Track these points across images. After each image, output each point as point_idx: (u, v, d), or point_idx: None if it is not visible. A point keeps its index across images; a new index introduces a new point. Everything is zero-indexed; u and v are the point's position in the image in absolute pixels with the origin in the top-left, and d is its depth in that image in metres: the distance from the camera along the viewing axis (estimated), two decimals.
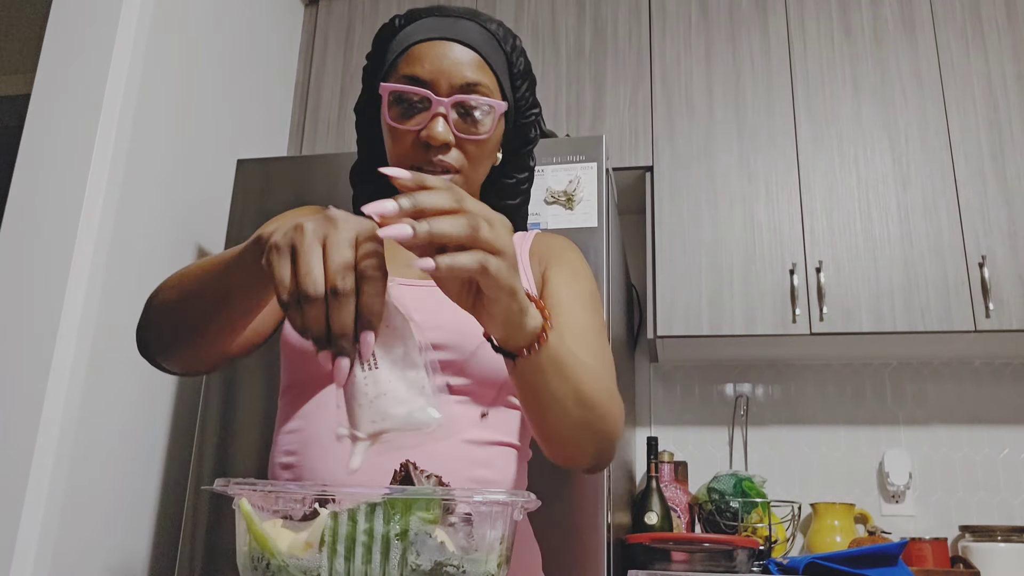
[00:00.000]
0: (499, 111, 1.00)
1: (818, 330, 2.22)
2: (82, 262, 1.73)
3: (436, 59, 0.98)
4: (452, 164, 0.98)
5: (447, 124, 0.97)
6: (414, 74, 0.98)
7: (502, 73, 1.04)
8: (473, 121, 0.98)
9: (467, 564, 0.45)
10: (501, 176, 1.13)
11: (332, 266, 0.59)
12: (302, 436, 0.93)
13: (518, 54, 1.06)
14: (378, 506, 0.43)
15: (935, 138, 2.32)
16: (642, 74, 2.53)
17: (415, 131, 0.98)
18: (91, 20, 1.88)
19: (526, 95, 1.09)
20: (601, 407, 0.84)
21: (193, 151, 2.14)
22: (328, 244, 0.60)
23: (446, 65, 0.98)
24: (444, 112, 0.96)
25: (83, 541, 1.71)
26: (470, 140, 0.98)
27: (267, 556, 0.43)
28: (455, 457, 0.91)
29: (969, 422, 2.46)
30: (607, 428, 0.86)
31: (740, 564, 1.93)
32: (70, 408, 1.67)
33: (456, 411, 0.94)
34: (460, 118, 0.98)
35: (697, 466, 2.56)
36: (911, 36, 2.43)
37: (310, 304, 0.59)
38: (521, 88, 1.07)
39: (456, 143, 0.98)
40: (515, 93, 1.07)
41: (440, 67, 0.97)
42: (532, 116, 1.11)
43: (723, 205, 2.36)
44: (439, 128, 0.96)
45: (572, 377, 0.79)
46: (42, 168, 1.79)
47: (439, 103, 0.96)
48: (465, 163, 0.99)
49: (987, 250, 2.20)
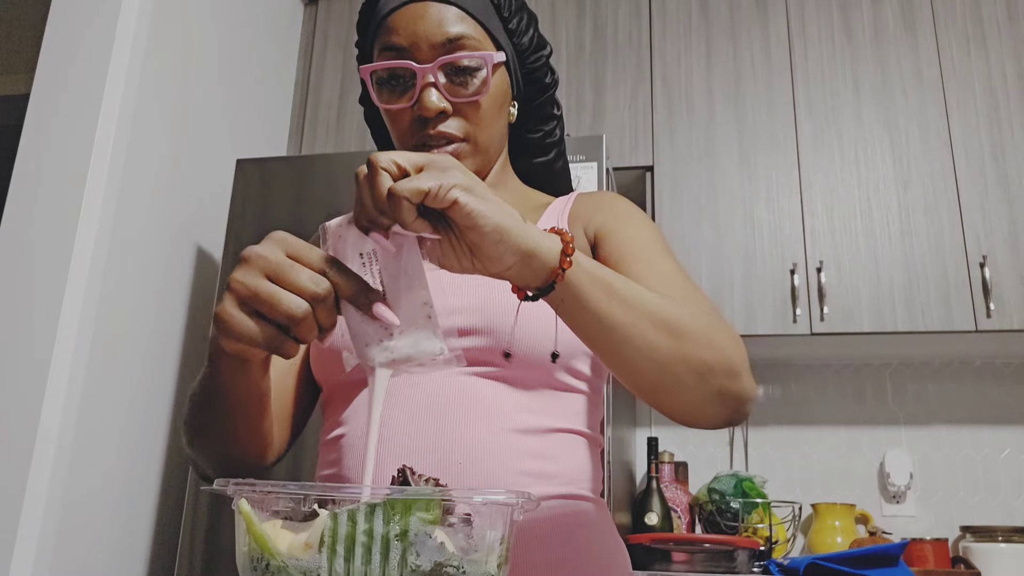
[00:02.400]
0: (492, 62, 0.90)
1: (819, 330, 2.22)
2: (82, 262, 1.73)
3: (411, 23, 0.89)
4: (454, 133, 0.90)
5: (439, 91, 0.88)
6: (391, 43, 0.90)
7: (490, 20, 0.93)
8: (464, 81, 0.89)
9: (467, 565, 0.45)
10: (524, 132, 1.03)
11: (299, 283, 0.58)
12: (342, 443, 0.88)
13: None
14: (378, 506, 0.43)
15: (936, 138, 2.32)
16: (642, 74, 2.53)
17: (408, 107, 0.90)
18: (91, 20, 1.88)
19: (526, 37, 0.98)
20: (698, 333, 0.72)
21: (192, 151, 2.14)
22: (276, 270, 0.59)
23: (422, 27, 0.88)
24: (432, 80, 0.88)
25: (83, 541, 1.71)
26: (466, 102, 0.90)
27: (267, 557, 0.42)
28: (501, 450, 0.81)
29: (970, 422, 2.46)
30: (717, 357, 0.72)
31: (741, 565, 1.93)
32: (69, 408, 1.67)
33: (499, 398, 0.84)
34: (449, 80, 0.89)
35: (697, 466, 2.56)
36: (912, 36, 2.43)
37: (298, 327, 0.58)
38: (517, 29, 0.97)
39: (454, 109, 0.90)
40: (511, 38, 0.96)
41: (416, 30, 0.88)
42: (541, 59, 1.00)
43: (723, 205, 2.36)
44: (432, 98, 0.88)
45: (637, 302, 0.69)
46: (42, 168, 1.79)
47: (423, 71, 0.88)
48: (469, 128, 0.91)
49: (988, 250, 2.20)
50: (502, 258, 0.61)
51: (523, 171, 1.07)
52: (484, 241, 0.60)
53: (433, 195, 0.58)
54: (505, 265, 0.62)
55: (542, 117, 1.03)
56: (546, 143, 1.05)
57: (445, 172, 0.59)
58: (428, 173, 0.59)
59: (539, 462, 0.83)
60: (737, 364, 0.75)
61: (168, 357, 2.02)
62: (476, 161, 0.94)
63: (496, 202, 0.61)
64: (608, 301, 0.67)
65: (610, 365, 0.72)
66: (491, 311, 0.85)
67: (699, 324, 0.73)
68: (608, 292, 0.68)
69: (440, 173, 0.59)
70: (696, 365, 0.71)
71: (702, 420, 0.76)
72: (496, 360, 0.84)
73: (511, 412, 0.84)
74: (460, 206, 0.58)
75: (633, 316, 0.69)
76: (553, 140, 1.05)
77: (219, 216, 2.25)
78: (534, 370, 0.85)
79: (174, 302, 2.05)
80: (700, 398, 0.73)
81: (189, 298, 2.11)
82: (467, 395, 0.83)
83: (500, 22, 0.95)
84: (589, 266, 0.67)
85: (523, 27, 0.97)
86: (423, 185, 0.57)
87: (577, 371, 0.89)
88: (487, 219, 0.59)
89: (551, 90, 1.02)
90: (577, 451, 0.88)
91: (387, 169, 0.59)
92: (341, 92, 2.70)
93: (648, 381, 0.72)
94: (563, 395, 0.88)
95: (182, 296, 2.08)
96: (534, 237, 0.63)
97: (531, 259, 0.63)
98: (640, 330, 0.69)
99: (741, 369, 0.76)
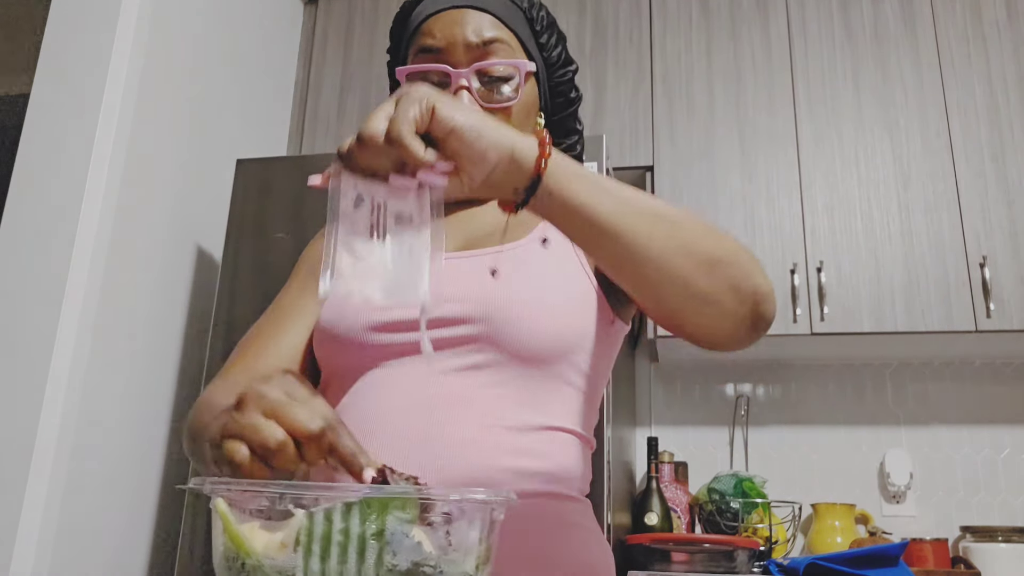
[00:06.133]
0: (524, 71, 0.93)
1: (819, 330, 2.21)
2: (82, 262, 1.73)
3: (448, 26, 0.92)
4: None
5: (472, 96, 0.90)
6: (427, 45, 0.92)
7: (523, 31, 0.96)
8: (498, 88, 0.92)
9: (444, 564, 0.45)
10: None
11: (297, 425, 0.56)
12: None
13: (537, 9, 0.99)
14: (354, 505, 0.43)
15: (936, 138, 2.32)
16: (643, 73, 2.53)
17: None
18: (91, 20, 1.88)
19: (556, 51, 1.00)
20: (695, 224, 0.72)
21: (193, 151, 2.14)
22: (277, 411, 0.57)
23: (459, 29, 0.91)
24: (466, 84, 0.90)
25: (83, 541, 1.71)
26: (498, 108, 0.91)
27: (242, 556, 0.43)
28: (488, 445, 0.81)
29: (970, 422, 2.46)
30: (720, 247, 0.72)
31: (740, 565, 1.93)
32: (69, 408, 1.68)
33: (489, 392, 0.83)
34: (484, 87, 0.91)
35: (697, 466, 2.55)
36: (912, 35, 2.42)
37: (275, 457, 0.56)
38: (548, 44, 1.00)
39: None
40: (542, 51, 0.99)
41: (453, 32, 0.91)
42: (568, 74, 1.02)
43: (723, 205, 2.36)
44: (464, 101, 0.89)
45: (628, 195, 0.70)
46: (42, 168, 1.79)
47: (459, 76, 0.90)
48: None
49: (988, 250, 2.19)
50: (485, 155, 0.64)
51: None
52: (463, 142, 0.62)
53: (421, 117, 0.61)
54: (489, 164, 0.64)
55: (565, 131, 1.05)
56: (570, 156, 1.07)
57: (411, 96, 0.62)
58: (402, 104, 0.61)
59: (526, 459, 0.82)
60: (745, 257, 0.74)
61: (168, 357, 2.02)
62: None
63: (466, 105, 0.64)
64: (596, 193, 0.69)
65: (611, 267, 0.73)
66: (487, 301, 0.84)
67: (693, 218, 0.73)
68: (595, 185, 0.69)
69: (409, 99, 0.62)
70: (700, 256, 0.71)
71: (722, 327, 0.75)
72: (489, 351, 0.84)
73: (501, 407, 0.83)
74: (436, 113, 0.61)
75: (625, 207, 0.69)
76: (574, 155, 1.07)
77: (219, 216, 2.25)
78: (529, 364, 0.84)
79: (174, 302, 2.05)
80: (713, 295, 0.72)
81: (189, 298, 2.11)
82: (458, 389, 0.83)
83: (532, 35, 0.98)
84: (569, 162, 0.69)
85: (553, 42, 1.00)
86: (409, 114, 0.60)
87: (575, 368, 0.88)
88: (465, 118, 0.62)
89: (575, 105, 1.04)
90: (567, 450, 0.87)
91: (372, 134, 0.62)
92: (341, 92, 2.70)
93: (651, 277, 0.71)
94: (557, 392, 0.87)
95: (182, 296, 2.08)
96: (511, 134, 0.66)
97: (512, 155, 0.65)
98: (634, 221, 0.69)
99: (750, 263, 0.74)
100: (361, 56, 2.72)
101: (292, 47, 2.78)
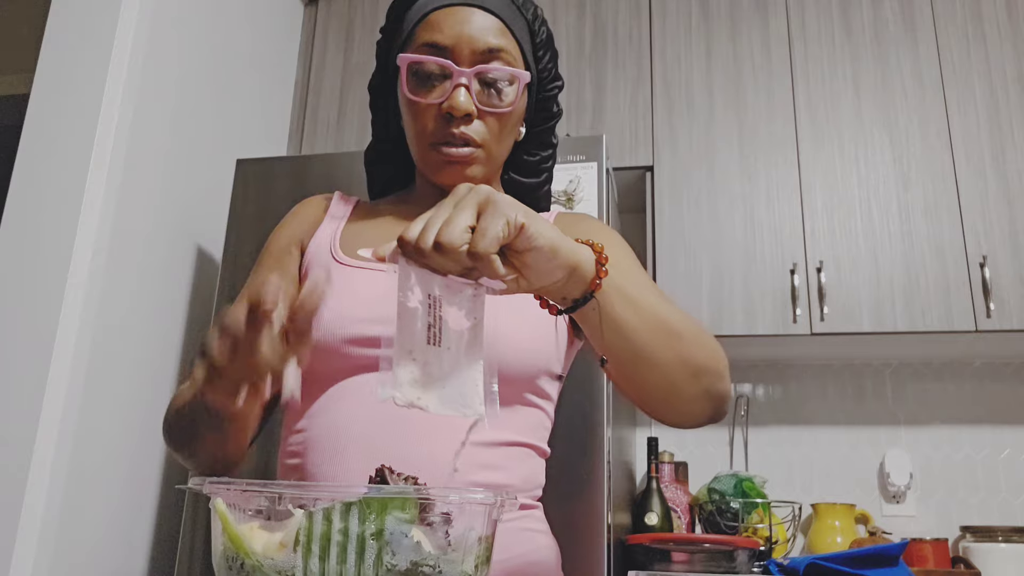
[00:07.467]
0: (522, 81, 0.95)
1: (819, 330, 2.21)
2: (82, 262, 1.73)
3: (457, 24, 0.93)
4: (474, 137, 0.93)
5: (469, 95, 0.92)
6: (434, 41, 0.93)
7: (524, 41, 0.98)
8: (496, 92, 0.94)
9: (443, 564, 0.45)
10: (523, 153, 1.07)
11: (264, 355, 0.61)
12: (306, 437, 0.89)
13: (540, 23, 1.02)
14: (353, 505, 0.43)
15: (936, 138, 2.32)
16: (642, 74, 2.53)
17: (436, 104, 0.93)
18: (91, 20, 1.88)
19: (548, 66, 1.03)
20: (692, 334, 0.77)
21: (192, 151, 2.14)
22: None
23: (467, 31, 0.93)
24: (466, 83, 0.92)
25: (83, 541, 1.71)
26: (493, 112, 0.94)
27: (241, 556, 0.43)
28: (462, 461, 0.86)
29: (970, 422, 2.46)
30: (709, 358, 0.78)
31: (741, 565, 1.93)
32: (69, 408, 1.68)
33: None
34: (483, 89, 0.93)
35: (697, 466, 2.55)
36: (912, 36, 2.42)
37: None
38: (544, 59, 1.02)
39: (478, 115, 0.94)
40: (538, 64, 1.02)
41: (461, 33, 0.92)
42: (554, 90, 1.05)
43: (723, 205, 2.36)
44: (461, 98, 0.91)
45: (647, 305, 0.73)
46: (41, 168, 1.79)
47: (460, 73, 0.92)
48: (488, 136, 0.95)
49: (988, 250, 2.19)
50: (552, 273, 0.64)
51: (508, 188, 1.10)
52: (540, 259, 0.62)
53: (508, 235, 0.59)
54: (554, 279, 0.65)
55: (542, 143, 1.08)
56: (540, 167, 1.10)
57: (498, 210, 0.60)
58: (490, 220, 0.59)
59: (491, 473, 0.88)
60: (723, 365, 0.81)
61: (168, 357, 2.02)
62: (485, 169, 0.98)
63: (544, 220, 0.63)
64: (628, 308, 0.71)
65: (620, 371, 0.76)
66: None
67: (691, 326, 0.78)
68: (628, 300, 0.71)
69: (496, 213, 0.60)
70: (692, 367, 0.76)
71: (689, 419, 0.81)
72: None
73: (469, 424, 0.86)
74: (525, 231, 0.60)
75: (647, 323, 0.73)
76: (546, 166, 1.10)
77: (219, 216, 2.25)
78: (504, 386, 0.87)
79: (174, 302, 2.05)
80: (691, 397, 0.78)
81: (189, 298, 2.11)
82: None
83: (532, 47, 1.01)
84: (614, 277, 0.70)
85: (548, 57, 1.03)
86: (497, 231, 0.59)
87: (538, 388, 0.94)
88: (545, 238, 0.62)
89: (555, 120, 1.08)
90: (526, 462, 0.93)
91: (454, 246, 0.59)
92: (341, 92, 2.70)
93: (652, 383, 0.76)
94: (523, 410, 0.93)
95: (182, 296, 2.08)
96: (577, 251, 0.66)
97: (575, 271, 0.66)
98: (651, 337, 0.73)
99: (725, 370, 0.81)
100: (361, 56, 2.72)
101: (292, 47, 2.77)
